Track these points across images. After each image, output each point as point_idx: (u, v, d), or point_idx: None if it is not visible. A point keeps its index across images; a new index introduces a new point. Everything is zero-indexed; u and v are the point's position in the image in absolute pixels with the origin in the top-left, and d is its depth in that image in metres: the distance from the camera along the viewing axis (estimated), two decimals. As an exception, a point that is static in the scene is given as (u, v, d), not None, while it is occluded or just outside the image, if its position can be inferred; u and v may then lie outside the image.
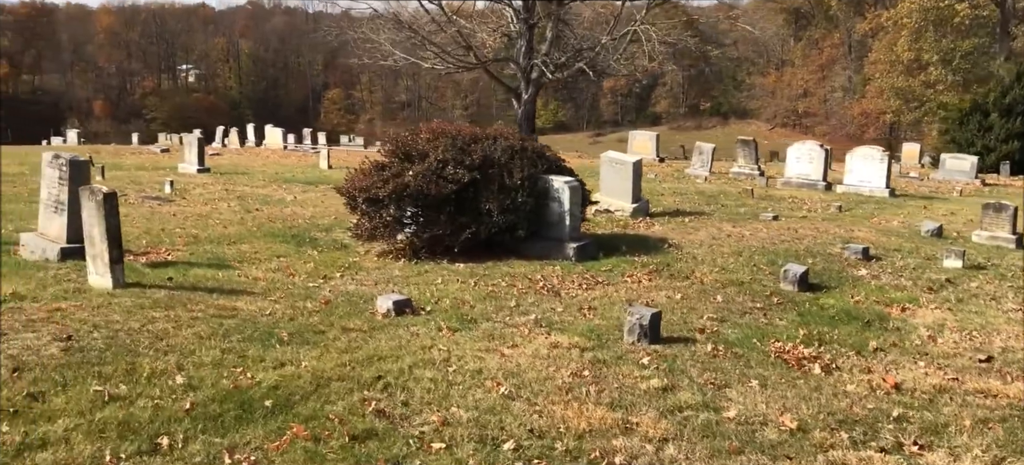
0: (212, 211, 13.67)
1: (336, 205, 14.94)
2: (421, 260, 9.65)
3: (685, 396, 5.07)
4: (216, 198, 15.31)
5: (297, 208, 14.47)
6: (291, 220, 12.96)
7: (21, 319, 6.11)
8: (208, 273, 8.62)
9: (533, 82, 41.58)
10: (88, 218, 7.63)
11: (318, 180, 19.77)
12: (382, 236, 10.01)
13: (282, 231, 11.88)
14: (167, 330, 6.07)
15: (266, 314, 6.82)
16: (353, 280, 8.77)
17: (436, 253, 9.75)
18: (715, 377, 5.45)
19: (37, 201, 14.63)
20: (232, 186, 17.44)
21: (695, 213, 13.25)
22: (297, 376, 5.30)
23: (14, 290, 7.00)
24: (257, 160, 26.40)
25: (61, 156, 8.90)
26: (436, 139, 9.96)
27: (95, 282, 7.59)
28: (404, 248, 9.98)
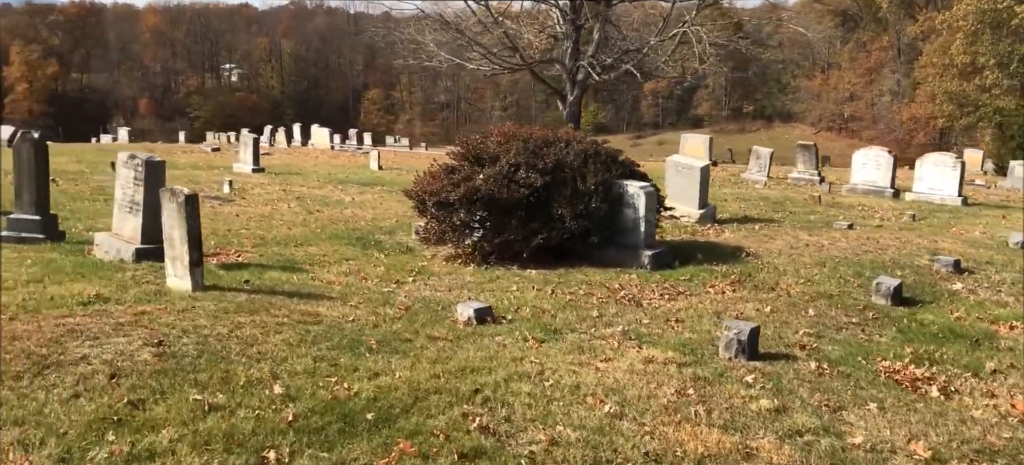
0: (273, 212, 13.68)
1: (395, 207, 14.89)
2: (490, 266, 9.50)
3: (801, 419, 4.83)
4: (275, 199, 15.34)
5: (356, 210, 14.42)
6: (353, 222, 12.90)
7: (109, 322, 6.06)
8: (282, 276, 8.55)
9: (579, 84, 41.31)
10: (168, 220, 7.59)
11: (371, 181, 19.76)
12: (451, 240, 9.88)
13: (346, 233, 11.81)
14: (255, 336, 5.97)
15: (349, 321, 6.71)
16: (426, 285, 8.64)
17: (505, 259, 9.59)
18: (827, 398, 5.20)
19: (100, 199, 14.84)
20: (288, 186, 17.48)
21: (764, 220, 12.93)
22: (393, 387, 5.16)
23: (97, 292, 6.97)
24: (308, 160, 26.52)
25: (137, 156, 8.90)
26: (507, 142, 9.80)
27: (174, 285, 7.55)
28: (471, 253, 9.84)
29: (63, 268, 7.98)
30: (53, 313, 6.31)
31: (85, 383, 4.92)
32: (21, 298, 6.69)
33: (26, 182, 9.56)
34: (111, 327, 5.95)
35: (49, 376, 5.00)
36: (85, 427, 4.38)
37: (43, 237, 9.53)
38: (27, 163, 9.52)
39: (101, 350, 5.44)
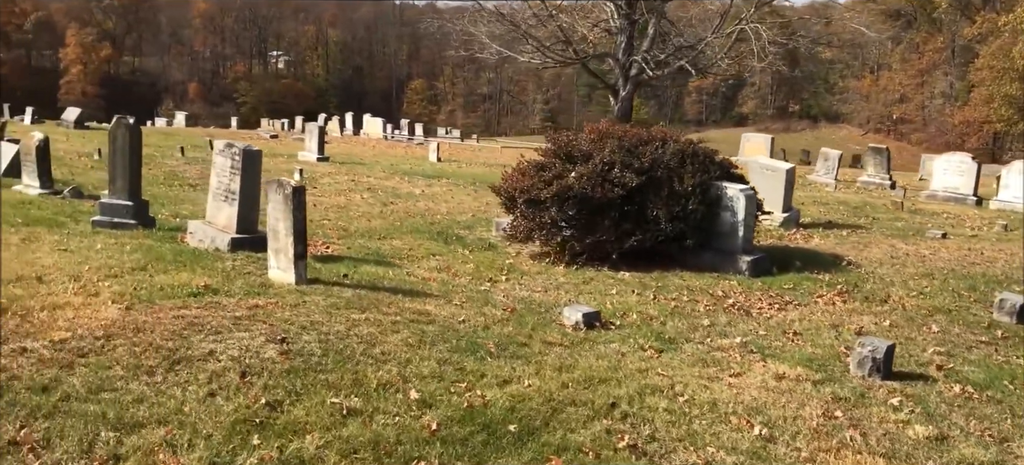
0: (348, 203, 13.63)
1: (467, 201, 14.78)
2: (580, 266, 9.31)
3: (967, 450, 4.59)
4: (347, 189, 15.30)
5: (428, 202, 14.32)
6: (429, 216, 12.80)
7: (226, 316, 5.99)
8: (377, 271, 8.45)
9: (632, 79, 40.90)
10: (273, 211, 7.52)
11: (435, 174, 19.68)
12: (539, 238, 9.71)
13: (425, 227, 11.71)
14: (374, 335, 5.86)
15: (459, 321, 6.57)
16: (520, 285, 8.48)
17: (594, 259, 9.39)
18: (987, 427, 4.94)
19: (175, 184, 14.94)
20: (356, 176, 17.46)
21: (850, 226, 12.57)
22: (526, 397, 5.00)
23: (205, 283, 6.92)
24: (366, 150, 26.55)
25: (234, 145, 8.86)
26: (601, 140, 9.60)
27: (276, 277, 7.48)
28: (560, 252, 9.66)
29: (164, 256, 7.96)
30: (167, 304, 6.26)
31: (218, 381, 4.85)
32: (132, 286, 6.66)
33: (119, 167, 9.58)
34: (230, 321, 5.87)
35: (180, 372, 4.93)
36: (229, 429, 4.29)
37: (135, 223, 9.55)
38: (121, 149, 9.54)
39: (226, 346, 5.36)
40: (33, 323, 5.57)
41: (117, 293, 6.43)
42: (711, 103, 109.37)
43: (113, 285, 6.69)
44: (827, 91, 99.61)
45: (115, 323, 5.66)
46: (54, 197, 11.41)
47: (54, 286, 6.57)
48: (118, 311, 5.99)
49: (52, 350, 5.06)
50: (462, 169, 21.94)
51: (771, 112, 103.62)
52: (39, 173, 11.52)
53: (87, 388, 4.60)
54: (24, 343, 5.15)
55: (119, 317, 5.82)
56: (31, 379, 4.63)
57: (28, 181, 11.64)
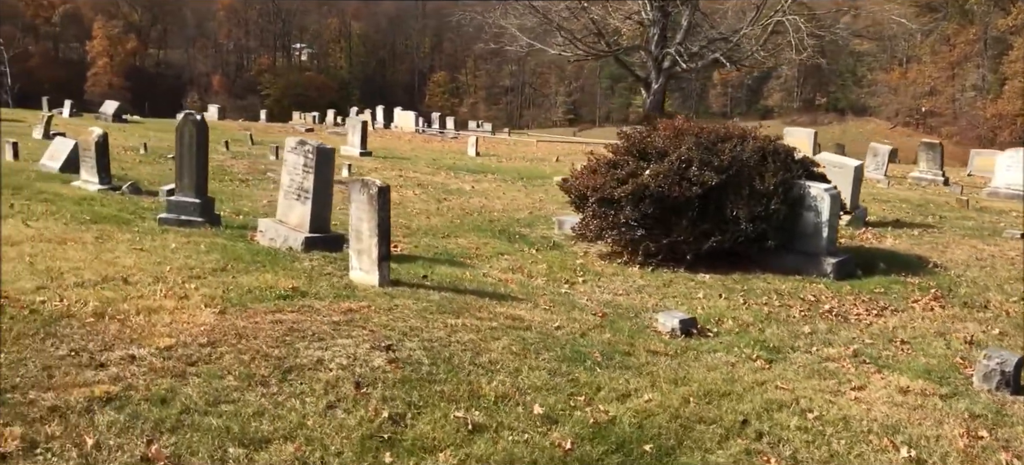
0: (402, 200, 13.47)
1: (519, 197, 14.58)
2: (656, 267, 9.09)
3: None
4: (397, 185, 15.13)
5: (482, 199, 14.14)
6: (486, 213, 12.62)
7: (324, 322, 5.82)
8: (452, 271, 8.27)
9: (664, 71, 40.51)
10: (357, 211, 7.35)
11: (478, 168, 19.50)
12: (612, 238, 9.49)
13: (484, 225, 11.54)
14: (475, 342, 5.67)
15: (555, 327, 6.37)
16: (598, 287, 8.29)
17: (668, 260, 9.18)
18: None
19: (226, 178, 14.83)
20: (403, 172, 17.32)
21: (919, 225, 12.25)
22: (651, 413, 4.80)
23: (293, 285, 6.76)
24: (403, 144, 26.41)
25: (307, 143, 8.70)
26: (677, 137, 9.35)
27: (358, 278, 7.32)
28: (631, 252, 9.43)
29: (240, 256, 7.81)
30: (260, 307, 6.10)
31: (334, 392, 4.67)
32: (220, 289, 6.50)
33: (186, 164, 9.46)
34: (329, 327, 5.70)
35: (294, 382, 4.76)
36: (358, 446, 4.12)
37: (202, 220, 9.43)
38: (188, 146, 9.42)
39: (332, 354, 5.19)
40: (133, 328, 5.42)
41: (207, 296, 6.28)
42: (736, 96, 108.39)
43: (200, 287, 6.54)
44: (855, 84, 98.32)
45: (215, 328, 5.51)
46: (113, 193, 11.32)
47: (141, 288, 6.43)
48: (213, 315, 5.83)
49: (161, 358, 4.90)
50: (503, 163, 21.73)
51: (797, 105, 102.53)
52: (98, 169, 11.43)
53: (205, 400, 4.43)
54: (131, 350, 5.00)
55: (217, 322, 5.67)
56: (148, 389, 4.47)
57: (86, 177, 11.56)
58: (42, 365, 4.66)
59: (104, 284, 6.48)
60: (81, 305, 5.78)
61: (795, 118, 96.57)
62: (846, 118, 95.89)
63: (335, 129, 31.06)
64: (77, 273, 6.70)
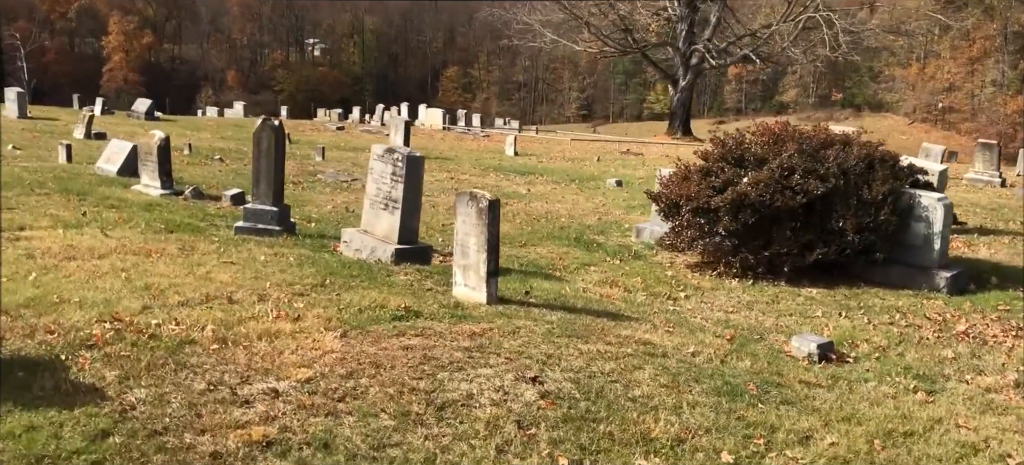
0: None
1: (581, 201, 14.21)
2: (755, 280, 8.72)
3: None
4: (451, 189, 14.77)
5: (542, 204, 13.77)
6: (553, 219, 12.26)
7: (454, 348, 5.46)
8: (548, 285, 7.93)
9: (692, 68, 40.11)
10: (463, 225, 6.99)
11: (524, 169, 19.12)
12: (708, 249, 9.12)
13: (557, 232, 11.18)
14: (617, 372, 5.30)
15: (689, 352, 5.99)
16: (704, 303, 7.91)
17: (768, 272, 8.79)
18: None
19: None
20: (452, 174, 16.96)
21: (1004, 232, 11.83)
22: (843, 459, 4.42)
23: (404, 304, 6.39)
24: (440, 143, 26.02)
25: (395, 151, 8.34)
26: (777, 143, 8.96)
27: (463, 294, 6.96)
28: (726, 263, 9.05)
29: (334, 270, 7.46)
30: (378, 330, 5.75)
31: (498, 434, 4.31)
32: (331, 308, 6.14)
33: (264, 171, 9.11)
34: (461, 353, 5.35)
35: (452, 421, 4.40)
36: (549, 497, 3.75)
37: (279, 229, 9.09)
38: (266, 151, 9.07)
39: (478, 386, 4.84)
40: (260, 356, 5.07)
41: (322, 317, 5.93)
42: (751, 92, 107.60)
43: (310, 307, 6.18)
44: (871, 79, 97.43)
45: (346, 357, 5.15)
46: (176, 198, 10.99)
47: (248, 307, 6.08)
48: (336, 340, 5.48)
49: (305, 393, 4.55)
50: (545, 163, 21.35)
51: (813, 101, 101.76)
52: (160, 173, 11.10)
53: (368, 443, 4.08)
54: (270, 383, 4.65)
55: (344, 348, 5.32)
56: (304, 431, 4.12)
57: (148, 181, 11.23)
58: (186, 402, 4.32)
59: (209, 303, 6.13)
60: (198, 329, 5.44)
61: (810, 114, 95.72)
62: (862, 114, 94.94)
63: (366, 127, 30.69)
64: (177, 291, 6.35)
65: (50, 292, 5.98)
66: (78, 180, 11.35)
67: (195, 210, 10.33)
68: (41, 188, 10.36)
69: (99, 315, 5.55)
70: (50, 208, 9.28)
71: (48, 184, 10.66)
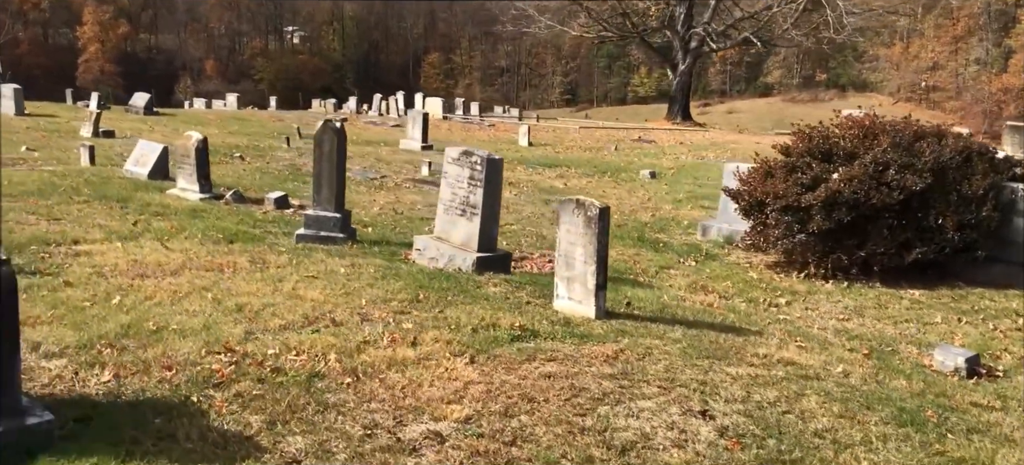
0: (506, 202, 12.59)
1: (624, 196, 13.77)
2: (850, 281, 8.33)
3: None
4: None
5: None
6: (606, 216, 11.77)
7: (598, 374, 5.00)
8: (639, 293, 7.50)
9: (692, 52, 39.72)
10: (568, 235, 6.52)
11: (548, 161, 18.64)
12: (795, 249, 8.71)
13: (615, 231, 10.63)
14: (784, 400, 4.87)
15: (837, 372, 5.56)
16: (808, 309, 7.52)
17: (857, 274, 8.41)
18: None
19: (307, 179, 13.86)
20: (480, 168, 16.42)
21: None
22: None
23: (517, 323, 5.91)
24: (452, 134, 25.42)
25: (474, 153, 7.83)
26: (868, 137, 8.55)
27: (568, 308, 6.50)
28: (813, 263, 8.65)
29: (421, 282, 6.96)
30: (504, 354, 5.28)
31: (696, 480, 3.86)
32: (444, 331, 5.64)
33: (326, 175, 8.57)
34: (608, 382, 4.91)
35: (641, 468, 3.94)
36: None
37: (343, 236, 8.56)
38: (328, 155, 8.53)
39: (647, 423, 4.40)
40: (399, 391, 4.59)
41: (441, 340, 5.44)
42: (736, 74, 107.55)
43: (421, 328, 5.68)
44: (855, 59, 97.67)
45: (491, 389, 4.68)
46: (217, 202, 10.41)
47: (356, 330, 5.58)
48: (466, 367, 5.01)
49: (470, 435, 4.09)
50: (563, 154, 20.90)
51: (797, 82, 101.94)
52: (198, 176, 10.51)
53: (568, 500, 3.62)
54: (429, 424, 4.18)
55: (482, 378, 4.85)
56: (493, 488, 3.65)
57: (185, 184, 10.63)
58: (351, 452, 3.85)
59: (312, 326, 5.63)
60: (319, 360, 4.94)
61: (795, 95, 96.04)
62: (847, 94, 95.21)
63: (369, 119, 30.00)
64: (272, 312, 5.84)
65: (142, 317, 5.45)
66: (111, 185, 10.71)
67: (243, 215, 9.76)
68: (78, 195, 9.74)
69: (206, 345, 5.04)
70: (95, 217, 8.69)
71: (83, 190, 10.03)
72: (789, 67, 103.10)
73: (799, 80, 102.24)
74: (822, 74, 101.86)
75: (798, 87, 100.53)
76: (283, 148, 17.76)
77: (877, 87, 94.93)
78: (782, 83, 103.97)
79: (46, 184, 10.18)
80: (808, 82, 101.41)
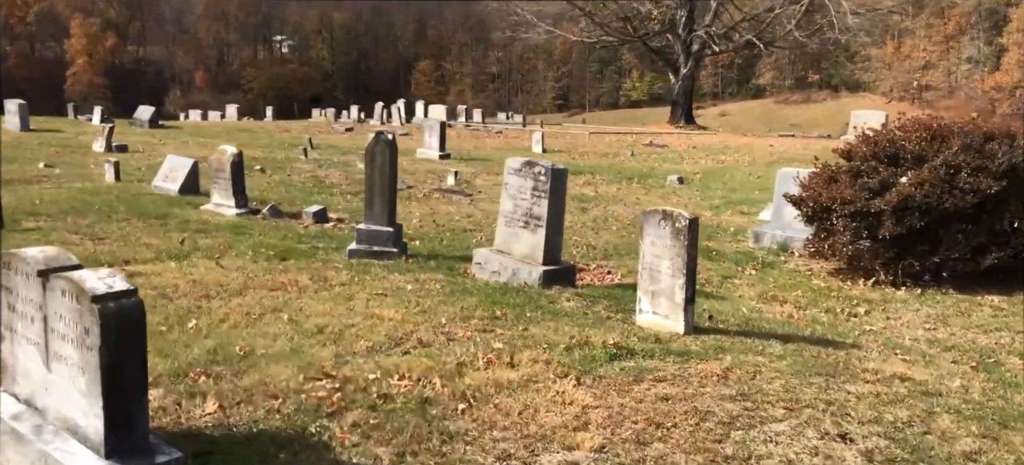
0: (545, 210, 12.32)
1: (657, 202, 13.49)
2: (921, 288, 8.10)
3: None
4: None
5: (620, 206, 13.09)
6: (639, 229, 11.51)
7: (710, 395, 4.73)
8: (719, 306, 7.26)
9: (694, 55, 39.59)
10: (653, 247, 6.26)
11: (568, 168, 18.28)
12: (862, 255, 8.47)
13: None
14: (916, 419, 4.60)
15: (955, 386, 5.31)
16: (890, 319, 7.30)
17: (929, 280, 8.18)
18: None
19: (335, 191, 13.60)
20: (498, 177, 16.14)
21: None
22: None
23: (612, 341, 5.63)
24: (464, 144, 25.11)
25: (537, 164, 7.56)
26: (934, 139, 8.32)
27: (653, 323, 6.24)
28: (881, 269, 8.41)
29: (494, 299, 6.68)
30: (609, 374, 5.00)
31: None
32: (540, 351, 5.36)
33: (379, 189, 8.28)
34: (732, 403, 4.63)
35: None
36: None
37: (397, 251, 8.27)
38: (380, 168, 8.25)
39: (788, 449, 4.14)
40: (518, 416, 4.31)
41: (540, 361, 5.15)
42: (727, 76, 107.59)
43: (513, 348, 5.39)
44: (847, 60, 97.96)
45: (612, 414, 4.40)
46: (254, 217, 10.10)
47: (444, 350, 5.29)
48: (576, 389, 4.74)
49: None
50: (580, 160, 20.66)
51: (789, 83, 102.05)
52: (234, 191, 10.19)
53: (740, 540, 3.34)
54: (562, 455, 3.91)
55: (598, 402, 4.57)
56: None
57: (220, 200, 10.31)
58: (495, 491, 3.56)
59: (400, 348, 5.35)
60: (424, 384, 4.66)
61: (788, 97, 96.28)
62: (840, 95, 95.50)
63: (374, 128, 29.65)
64: (356, 334, 5.55)
65: (226, 342, 5.16)
66: (144, 202, 10.38)
67: (285, 231, 9.45)
68: (114, 213, 9.40)
69: (301, 370, 4.76)
70: (139, 236, 8.36)
71: (118, 208, 9.70)
72: (781, 68, 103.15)
73: (791, 81, 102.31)
74: (814, 75, 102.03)
75: (790, 88, 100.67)
76: (301, 160, 17.43)
77: (870, 87, 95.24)
78: (774, 84, 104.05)
79: (79, 202, 9.84)
80: (800, 83, 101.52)
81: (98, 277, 3.32)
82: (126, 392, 3.23)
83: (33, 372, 3.60)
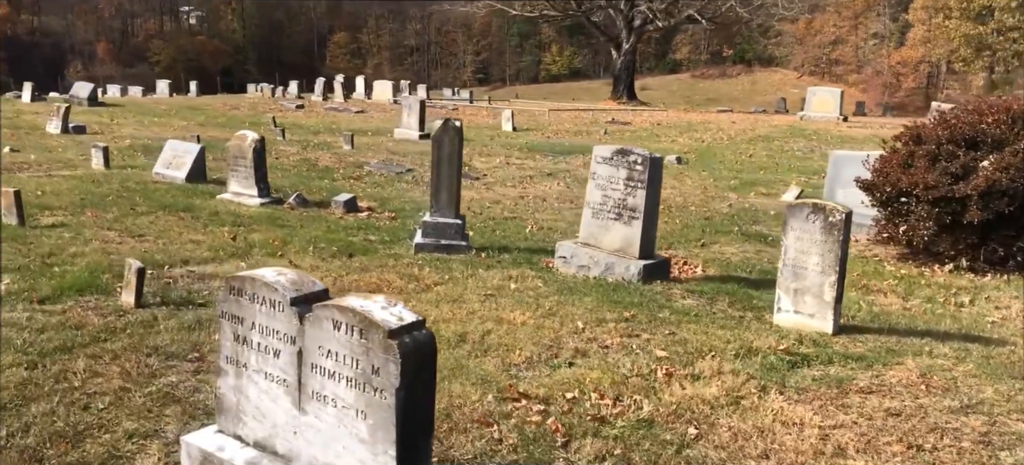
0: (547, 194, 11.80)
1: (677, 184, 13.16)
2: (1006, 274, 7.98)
3: None
4: (519, 178, 13.34)
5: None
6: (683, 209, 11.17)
7: (936, 408, 4.37)
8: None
9: (635, 31, 39.53)
10: (799, 242, 5.84)
11: (549, 148, 17.85)
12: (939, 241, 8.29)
13: (706, 225, 10.14)
14: None
15: None
16: (994, 306, 7.07)
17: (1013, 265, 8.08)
18: None
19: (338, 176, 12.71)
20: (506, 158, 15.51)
21: None
22: None
23: (782, 347, 5.21)
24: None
25: (632, 152, 7.04)
26: (1016, 123, 8.19)
27: (796, 323, 5.86)
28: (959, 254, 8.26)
29: (615, 298, 6.18)
30: (804, 384, 4.58)
31: None
32: (710, 361, 4.89)
33: (445, 179, 7.61)
34: (960, 414, 4.31)
35: None
36: None
37: (465, 245, 7.64)
38: (448, 157, 7.57)
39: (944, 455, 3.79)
40: (759, 440, 3.85)
41: (725, 371, 4.70)
42: (645, 50, 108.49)
43: (678, 357, 4.91)
44: (762, 35, 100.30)
45: (861, 437, 3.98)
46: (280, 207, 9.23)
47: (609, 361, 4.78)
48: (789, 405, 4.30)
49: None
50: (556, 138, 20.19)
51: (705, 58, 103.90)
52: (256, 179, 9.28)
53: None
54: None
55: (826, 420, 4.14)
56: None
57: (239, 189, 9.38)
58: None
59: (559, 358, 4.88)
60: (628, 403, 4.13)
61: (705, 71, 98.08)
62: (754, 69, 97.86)
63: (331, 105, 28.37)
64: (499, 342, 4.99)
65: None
66: (155, 192, 9.30)
67: (327, 223, 8.62)
68: (133, 205, 8.37)
69: (480, 387, 4.24)
70: (178, 232, 7.44)
71: (134, 199, 8.66)
72: (697, 44, 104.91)
73: (707, 56, 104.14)
74: (729, 50, 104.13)
75: (706, 63, 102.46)
76: (281, 141, 16.33)
77: (781, 62, 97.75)
78: (690, 59, 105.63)
79: (85, 192, 8.76)
80: (715, 58, 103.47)
81: (381, 307, 2.71)
82: (416, 438, 2.68)
83: (272, 413, 2.96)
